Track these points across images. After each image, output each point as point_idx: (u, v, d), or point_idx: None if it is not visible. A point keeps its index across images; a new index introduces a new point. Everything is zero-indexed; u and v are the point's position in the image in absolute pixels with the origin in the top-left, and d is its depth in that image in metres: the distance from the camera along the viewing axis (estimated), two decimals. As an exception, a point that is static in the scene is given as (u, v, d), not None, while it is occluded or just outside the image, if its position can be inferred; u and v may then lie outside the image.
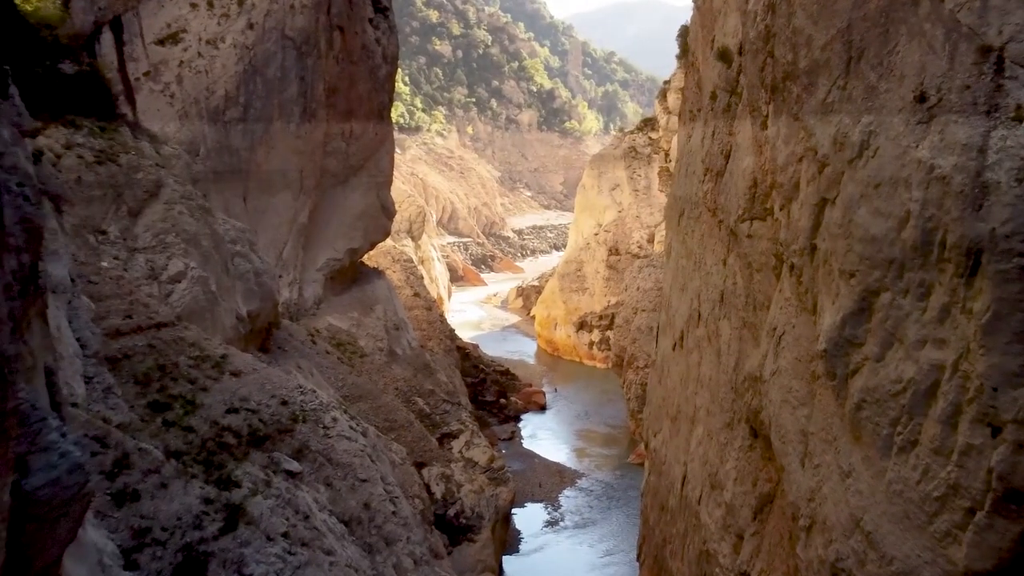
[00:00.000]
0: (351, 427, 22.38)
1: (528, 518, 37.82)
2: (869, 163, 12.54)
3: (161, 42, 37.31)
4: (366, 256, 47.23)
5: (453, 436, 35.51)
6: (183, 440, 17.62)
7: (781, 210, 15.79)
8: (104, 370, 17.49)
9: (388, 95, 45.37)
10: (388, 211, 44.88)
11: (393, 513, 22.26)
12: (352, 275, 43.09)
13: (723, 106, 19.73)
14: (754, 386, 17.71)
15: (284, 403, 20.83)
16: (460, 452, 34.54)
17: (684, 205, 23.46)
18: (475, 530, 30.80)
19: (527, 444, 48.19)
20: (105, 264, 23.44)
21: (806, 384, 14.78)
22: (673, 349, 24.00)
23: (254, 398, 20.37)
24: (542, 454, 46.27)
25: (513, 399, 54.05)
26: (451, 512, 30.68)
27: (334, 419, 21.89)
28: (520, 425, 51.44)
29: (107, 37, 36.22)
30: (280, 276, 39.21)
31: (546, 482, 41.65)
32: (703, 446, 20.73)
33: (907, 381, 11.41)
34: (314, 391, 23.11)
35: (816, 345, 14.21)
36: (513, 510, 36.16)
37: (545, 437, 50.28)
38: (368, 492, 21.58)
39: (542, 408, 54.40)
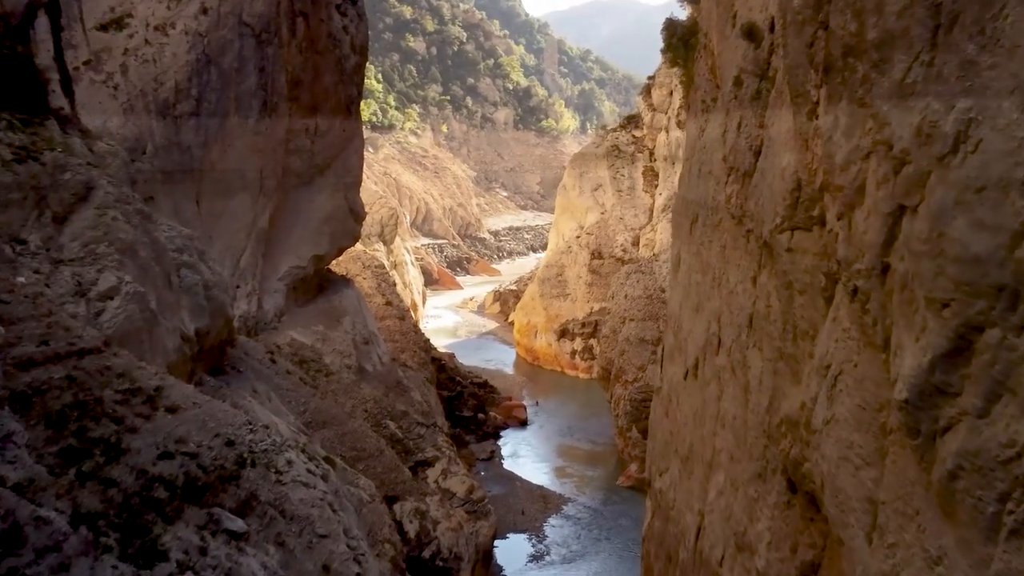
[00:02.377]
0: (309, 470, 18.99)
1: (511, 551, 34.50)
2: (968, 160, 9.33)
3: (104, 27, 33.66)
4: (333, 263, 43.77)
5: (428, 464, 32.15)
6: (100, 498, 14.17)
7: (839, 219, 12.62)
8: (5, 412, 14.10)
9: (357, 88, 41.90)
10: (357, 214, 41.41)
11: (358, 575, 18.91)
12: (318, 284, 39.59)
13: (751, 94, 16.55)
14: (793, 431, 14.53)
15: (230, 443, 17.35)
16: (436, 483, 31.21)
17: (698, 211, 20.27)
18: (453, 573, 27.52)
19: (508, 464, 44.89)
20: (22, 279, 19.88)
21: (873, 439, 11.61)
22: (685, 378, 20.80)
23: (193, 439, 16.90)
24: (524, 476, 42.99)
25: (492, 414, 50.77)
26: (426, 554, 27.34)
27: (289, 462, 18.45)
28: (500, 443, 48.15)
29: (42, 21, 32.10)
30: (237, 287, 35.69)
31: (529, 509, 38.38)
32: (726, 497, 17.55)
33: (1022, 445, 8.47)
34: (266, 428, 19.69)
35: (890, 392, 10.99)
36: (495, 541, 32.89)
37: (527, 455, 47.04)
38: (328, 551, 18.17)
39: (523, 423, 51.15)
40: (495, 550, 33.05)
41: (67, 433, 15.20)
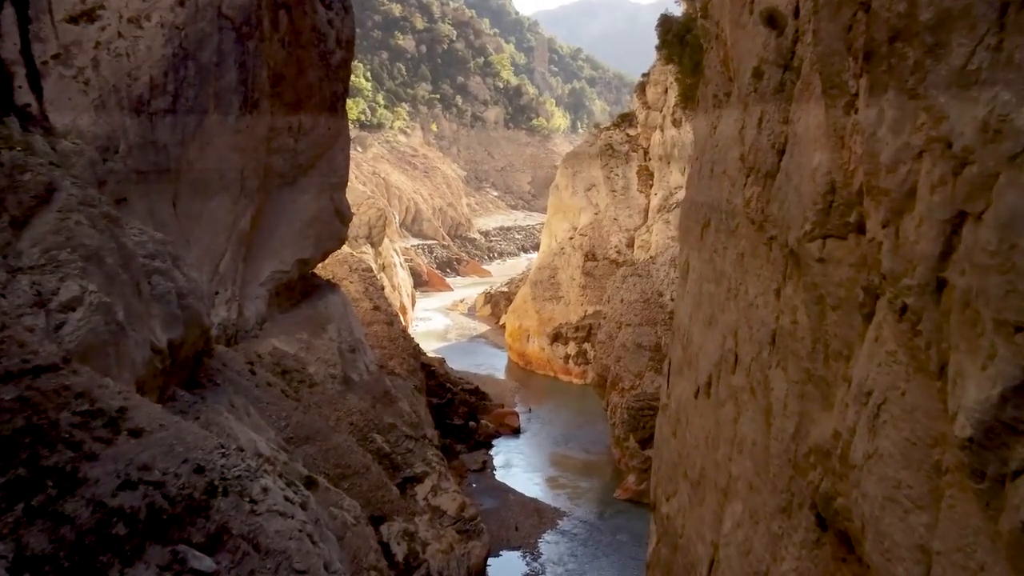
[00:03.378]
0: (287, 497, 17.37)
1: (504, 570, 32.79)
2: (1047, 160, 7.74)
3: (74, 19, 31.85)
4: (319, 267, 42.07)
5: (417, 480, 30.48)
6: (50, 537, 12.59)
7: (884, 227, 11.03)
8: (-56, 442, 12.48)
9: (343, 84, 40.19)
10: (343, 215, 39.70)
11: (340, 615, 17.35)
12: (302, 289, 37.86)
13: (773, 86, 14.95)
14: (824, 462, 12.93)
15: (199, 470, 15.70)
16: (426, 500, 29.54)
17: (710, 214, 18.68)
18: (444, 598, 25.92)
19: (501, 475, 43.20)
20: (-27, 290, 18.28)
21: (926, 479, 10.01)
22: (696, 396, 19.20)
23: (159, 465, 15.26)
24: (517, 488, 41.30)
25: (484, 422, 49.08)
26: (415, 578, 25.72)
27: (264, 489, 16.82)
28: (492, 452, 46.46)
29: (8, 13, 30.45)
30: (216, 293, 33.93)
31: (523, 524, 36.70)
32: (744, 530, 15.96)
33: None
34: (240, 451, 18.06)
35: (946, 426, 9.40)
36: (488, 560, 31.24)
37: (519, 465, 45.36)
38: (307, 588, 16.57)
39: (515, 431, 49.46)
40: (488, 568, 31.41)
41: (16, 463, 13.53)
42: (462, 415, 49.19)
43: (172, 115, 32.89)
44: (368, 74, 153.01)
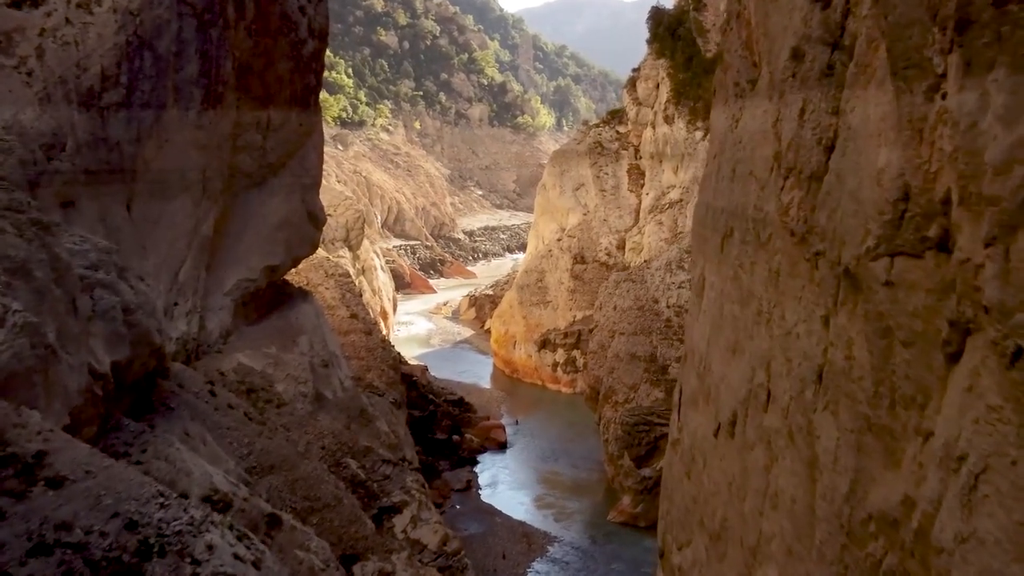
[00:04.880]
0: (237, 555, 14.53)
1: (491, 606, 30.19)
2: None
3: (16, 4, 28.83)
4: (291, 272, 39.21)
5: (395, 511, 27.75)
6: (-65, 624, 9.95)
7: (988, 245, 8.43)
8: None
9: (316, 77, 37.30)
10: (316, 218, 36.84)
11: None
12: (270, 299, 34.98)
13: (818, 69, 12.31)
14: (889, 534, 10.27)
15: (131, 526, 12.90)
16: (404, 533, 26.82)
17: (732, 222, 16.01)
18: (424, 647, 23.24)
19: (486, 496, 40.48)
20: None
21: (1050, 581, 7.40)
22: (716, 435, 16.54)
23: (82, 522, 12.49)
24: (504, 510, 38.61)
25: (468, 436, 46.37)
26: (392, 626, 23.01)
27: (210, 546, 13.97)
28: (477, 469, 43.74)
29: (-58, -3, 27.85)
30: (175, 304, 31.03)
31: (511, 550, 34.00)
32: (780, 604, 13.37)
33: None
34: (182, 500, 15.22)
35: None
36: (472, 594, 28.57)
37: (506, 483, 42.68)
38: (258, 671, 13.93)
39: (502, 446, 46.76)
40: (473, 604, 28.74)
41: None
42: (445, 429, 46.48)
43: (126, 109, 29.94)
44: (350, 70, 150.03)
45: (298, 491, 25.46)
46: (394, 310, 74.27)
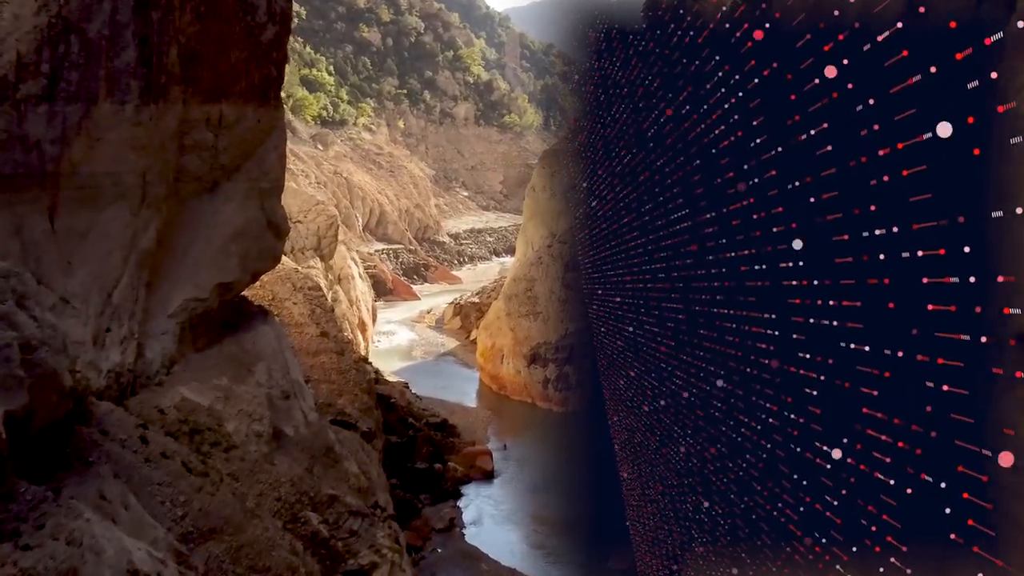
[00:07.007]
0: None
1: None
2: None
3: (-83, -20, 24.59)
4: (254, 286, 34.84)
5: (364, 575, 23.53)
6: None
7: None
8: None
9: (277, 68, 32.83)
10: (278, 228, 32.37)
11: None
12: (224, 320, 30.48)
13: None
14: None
15: None
16: (373, 605, 22.64)
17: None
18: None
19: (470, 536, 36.23)
20: None
21: None
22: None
23: None
24: (491, 552, 34.37)
25: (451, 464, 42.10)
26: None
27: None
28: (461, 504, 39.51)
29: None
30: (108, 330, 26.60)
31: (499, 606, 29.92)
32: None
33: None
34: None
35: None
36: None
37: (492, 518, 38.47)
38: None
39: (488, 475, 42.53)
40: None
41: None
42: (426, 456, 42.19)
43: (48, 103, 25.49)
44: (331, 68, 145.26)
45: (244, 560, 21.19)
46: (373, 321, 69.87)
